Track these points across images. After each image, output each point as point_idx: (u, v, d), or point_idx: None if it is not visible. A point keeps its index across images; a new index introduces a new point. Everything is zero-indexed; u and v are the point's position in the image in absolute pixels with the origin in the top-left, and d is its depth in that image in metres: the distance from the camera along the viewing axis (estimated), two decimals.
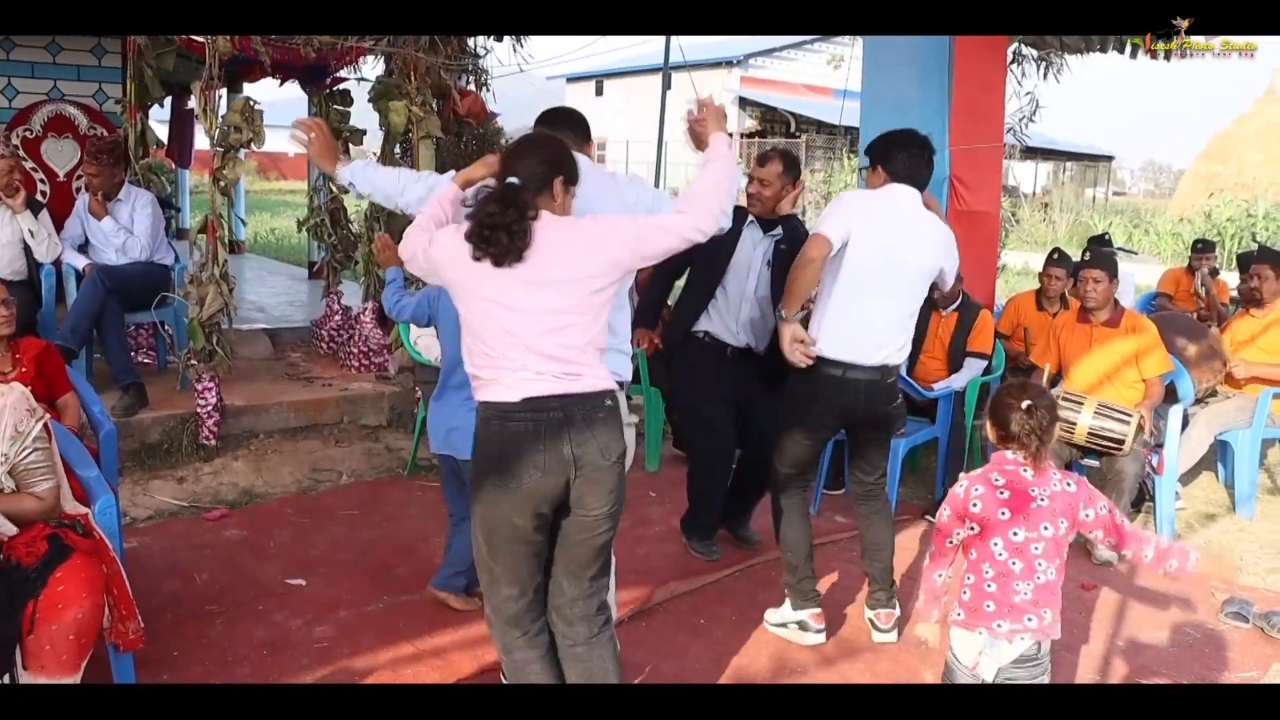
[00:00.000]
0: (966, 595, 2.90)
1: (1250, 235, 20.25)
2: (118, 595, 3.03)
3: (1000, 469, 2.91)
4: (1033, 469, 2.88)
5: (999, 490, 2.87)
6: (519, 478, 2.71)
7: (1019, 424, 2.85)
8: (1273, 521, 5.68)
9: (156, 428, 5.72)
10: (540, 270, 2.68)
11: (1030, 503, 2.84)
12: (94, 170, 6.12)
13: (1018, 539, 2.83)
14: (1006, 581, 2.84)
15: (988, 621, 2.84)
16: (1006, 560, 2.84)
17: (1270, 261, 6.07)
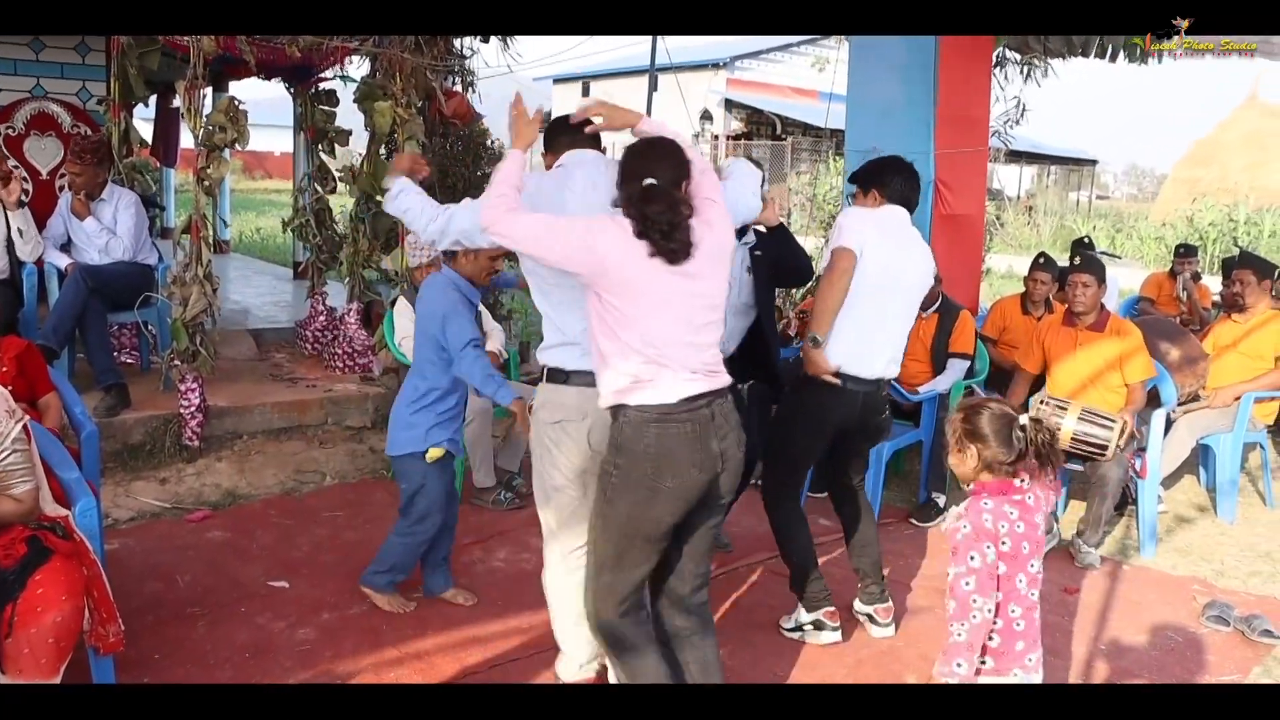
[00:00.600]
0: (995, 641, 2.67)
1: (1232, 240, 20.36)
2: (98, 598, 3.01)
3: (1010, 500, 2.66)
4: (1032, 493, 2.68)
5: (1016, 524, 2.64)
6: (680, 477, 2.81)
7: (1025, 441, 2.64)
8: (1253, 525, 5.71)
9: (139, 428, 5.69)
10: (697, 267, 2.81)
11: (1038, 530, 2.68)
12: (77, 169, 6.08)
13: (1034, 569, 2.68)
14: (1031, 614, 2.69)
15: (1020, 661, 2.68)
16: (1028, 593, 2.67)
17: (1252, 267, 6.10)
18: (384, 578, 4.14)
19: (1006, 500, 2.65)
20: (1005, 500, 2.65)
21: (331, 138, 7.92)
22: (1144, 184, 56.93)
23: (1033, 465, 2.66)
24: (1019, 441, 2.63)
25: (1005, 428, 2.65)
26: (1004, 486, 2.67)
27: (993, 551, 2.62)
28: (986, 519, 2.63)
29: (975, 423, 2.69)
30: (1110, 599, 4.65)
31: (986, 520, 2.63)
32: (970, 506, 2.69)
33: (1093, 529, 5.02)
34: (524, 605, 4.22)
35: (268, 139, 31.22)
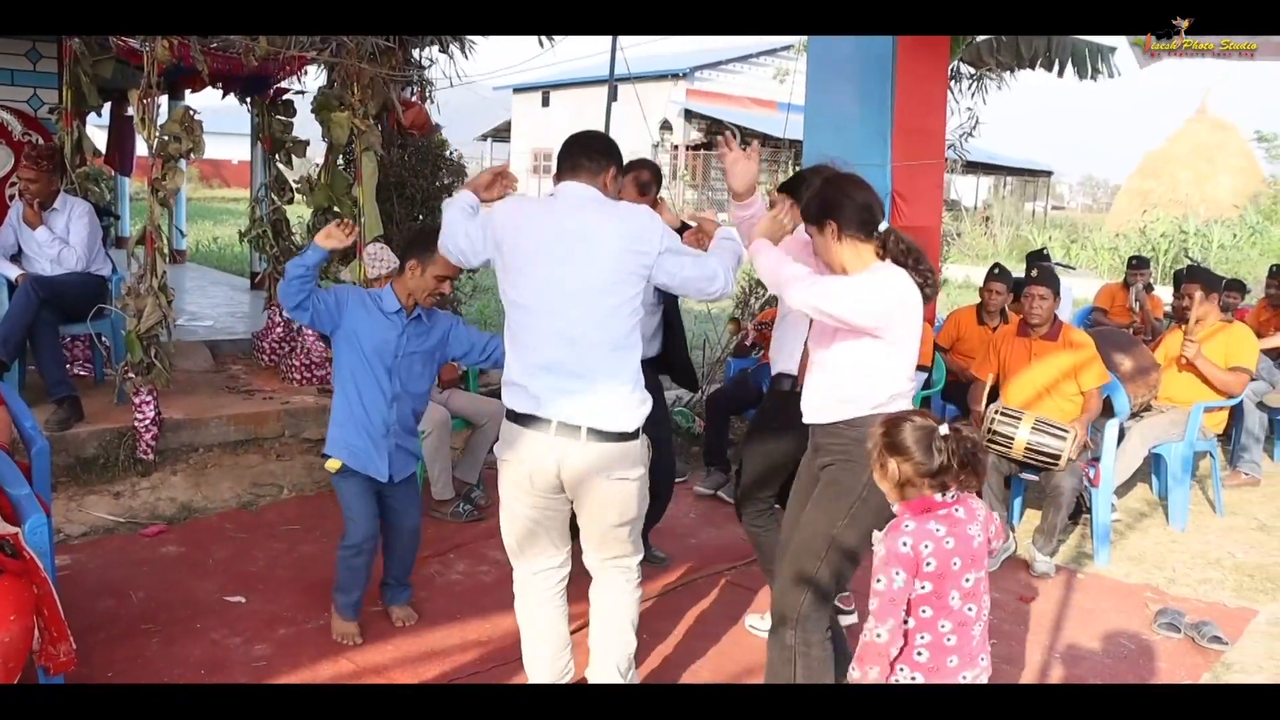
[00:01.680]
0: (924, 657, 2.63)
1: (1183, 251, 20.68)
2: (48, 617, 2.96)
3: (935, 516, 2.59)
4: (962, 505, 2.62)
5: (944, 540, 2.57)
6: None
7: (947, 452, 2.56)
8: (1204, 532, 5.80)
9: (92, 442, 5.62)
10: None
11: (972, 543, 2.61)
12: (31, 177, 5.98)
13: (969, 584, 2.60)
14: (965, 630, 2.63)
15: (953, 677, 2.63)
16: (962, 608, 2.61)
17: (1199, 281, 6.21)
18: (338, 599, 4.06)
19: (931, 517, 2.59)
20: (930, 518, 2.59)
21: (289, 148, 7.88)
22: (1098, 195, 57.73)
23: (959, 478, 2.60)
24: (939, 452, 2.56)
25: (925, 439, 2.58)
26: (926, 504, 2.61)
27: (901, 577, 2.55)
28: (904, 543, 2.57)
29: (895, 436, 2.62)
30: (1064, 607, 4.70)
31: (903, 545, 2.56)
32: (890, 529, 2.64)
33: (1047, 538, 5.08)
34: (482, 618, 4.21)
35: (225, 147, 31.06)
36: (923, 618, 2.61)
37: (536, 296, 3.12)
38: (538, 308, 3.12)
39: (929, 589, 2.58)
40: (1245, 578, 5.14)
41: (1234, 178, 28.26)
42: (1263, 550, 5.55)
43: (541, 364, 3.11)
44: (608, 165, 3.26)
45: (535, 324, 3.13)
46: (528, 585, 3.41)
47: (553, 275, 3.10)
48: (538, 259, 3.12)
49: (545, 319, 3.11)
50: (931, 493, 2.60)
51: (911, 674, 2.64)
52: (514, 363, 3.18)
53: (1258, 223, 24.00)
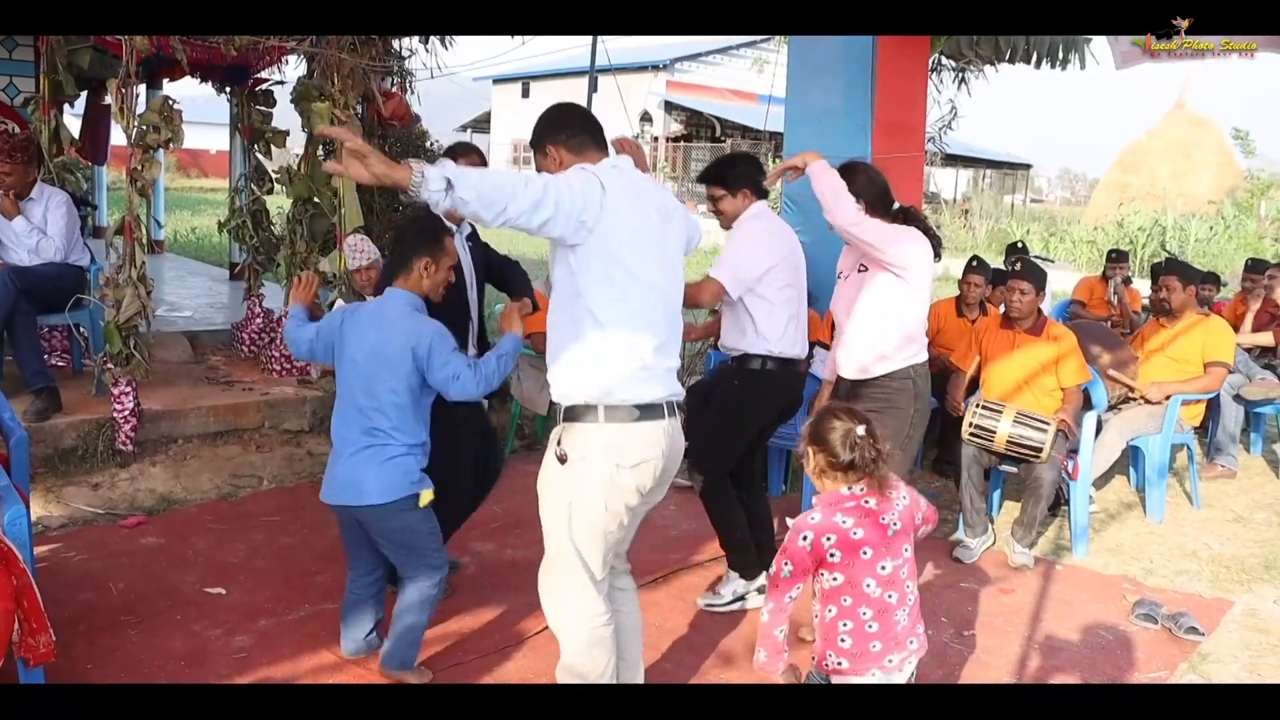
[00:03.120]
0: (847, 643, 2.72)
1: (1161, 244, 20.82)
2: (28, 608, 2.95)
3: (842, 509, 2.69)
4: (874, 496, 2.70)
5: (851, 531, 2.67)
6: None
7: (859, 451, 2.66)
8: (1181, 524, 5.85)
9: (71, 433, 5.58)
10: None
11: (886, 532, 2.69)
12: (7, 168, 5.93)
13: (886, 572, 2.69)
14: (887, 615, 2.71)
15: (878, 661, 2.71)
16: (882, 595, 2.69)
17: (1177, 273, 6.24)
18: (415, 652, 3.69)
19: (838, 510, 2.69)
20: (835, 510, 2.69)
21: (268, 138, 7.84)
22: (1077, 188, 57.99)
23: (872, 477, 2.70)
24: (850, 450, 2.66)
25: (841, 434, 2.68)
26: (834, 497, 2.71)
27: (789, 568, 2.68)
28: (804, 537, 2.67)
29: (819, 428, 2.73)
30: (1043, 598, 4.73)
31: (803, 539, 2.67)
32: (797, 521, 2.72)
33: (1026, 530, 5.11)
34: (464, 609, 4.22)
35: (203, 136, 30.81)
36: (844, 606, 2.71)
37: (656, 271, 2.97)
38: (658, 283, 2.98)
39: (840, 580, 2.69)
40: (1221, 569, 5.18)
41: (1211, 172, 28.46)
42: (1239, 542, 5.60)
43: (660, 344, 2.97)
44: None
45: (655, 301, 2.96)
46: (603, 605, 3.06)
47: (660, 249, 3.01)
48: (648, 233, 2.97)
49: (659, 294, 2.99)
50: (840, 485, 2.72)
51: (837, 659, 2.74)
52: (641, 348, 2.92)
53: (1234, 216, 24.17)
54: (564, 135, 3.04)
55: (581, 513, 2.93)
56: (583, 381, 2.90)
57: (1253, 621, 4.56)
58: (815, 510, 2.73)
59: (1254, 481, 6.77)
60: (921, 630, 2.81)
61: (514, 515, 5.33)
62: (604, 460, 2.88)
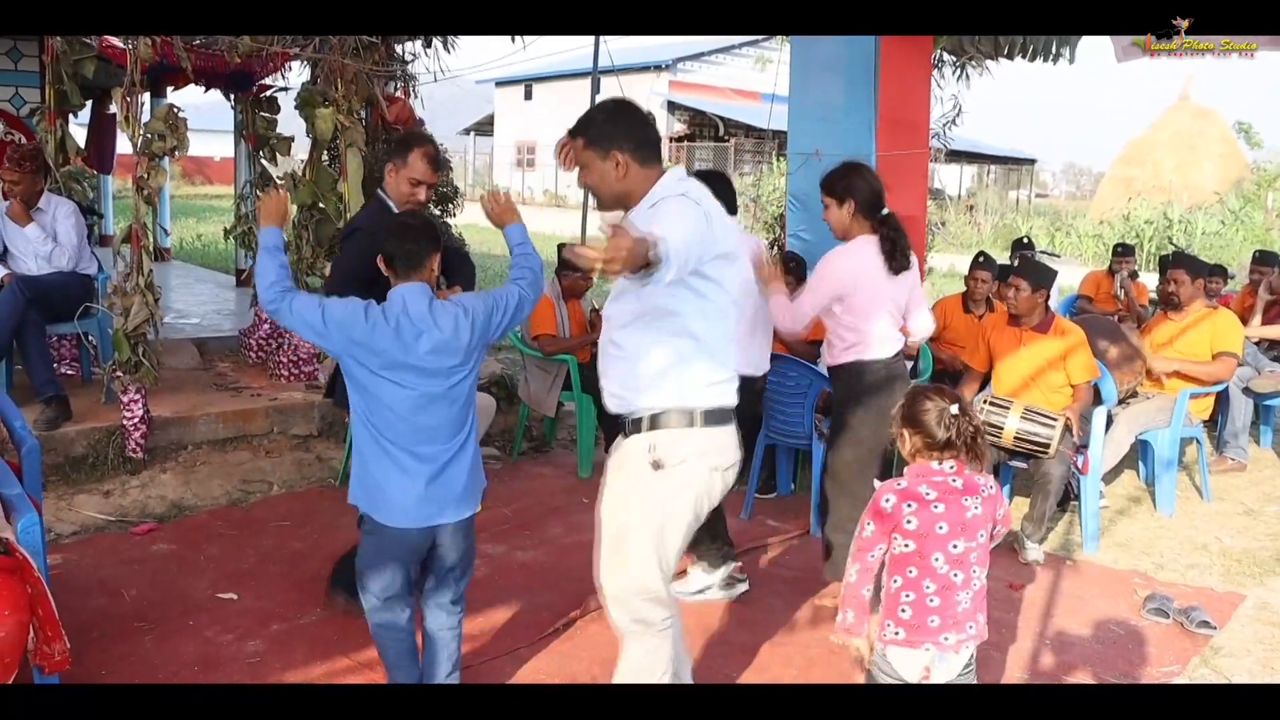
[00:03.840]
0: (907, 613, 2.77)
1: (1167, 238, 20.77)
2: (43, 616, 2.96)
3: (929, 481, 2.77)
4: (961, 477, 2.77)
5: (933, 504, 2.74)
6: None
7: (951, 429, 2.73)
8: (1191, 518, 5.84)
9: (81, 441, 5.60)
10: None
11: (965, 513, 2.75)
12: (15, 177, 5.95)
13: (957, 550, 2.74)
14: (949, 594, 2.75)
15: (934, 636, 2.75)
16: (949, 573, 2.74)
17: (1185, 266, 6.24)
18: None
19: (924, 481, 2.77)
20: (922, 481, 2.77)
21: (273, 145, 7.86)
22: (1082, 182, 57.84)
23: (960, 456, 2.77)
24: (946, 429, 2.73)
25: (935, 414, 2.75)
26: (923, 469, 2.79)
27: (871, 529, 2.79)
28: (887, 499, 2.76)
29: (911, 407, 2.81)
30: (1054, 593, 4.73)
31: (886, 501, 2.76)
32: (884, 484, 2.83)
33: (1036, 525, 5.11)
34: (475, 611, 4.22)
35: (208, 144, 30.92)
36: (908, 577, 2.77)
37: (737, 283, 3.06)
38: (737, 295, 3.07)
39: (912, 548, 2.75)
40: (1233, 562, 5.18)
41: (1216, 164, 28.38)
42: (1249, 535, 5.59)
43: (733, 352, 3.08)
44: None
45: (735, 312, 3.07)
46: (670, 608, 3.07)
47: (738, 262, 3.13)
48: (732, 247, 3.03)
49: (737, 307, 3.09)
50: (931, 461, 2.78)
51: (895, 629, 2.79)
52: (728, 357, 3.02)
53: (1240, 208, 24.10)
54: (634, 145, 2.93)
55: (675, 517, 2.95)
56: (675, 388, 2.92)
57: (1265, 615, 4.56)
58: (904, 477, 2.82)
59: (1264, 474, 6.76)
60: (983, 619, 2.84)
61: (523, 517, 5.35)
62: (701, 464, 2.94)
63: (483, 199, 3.64)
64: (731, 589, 4.49)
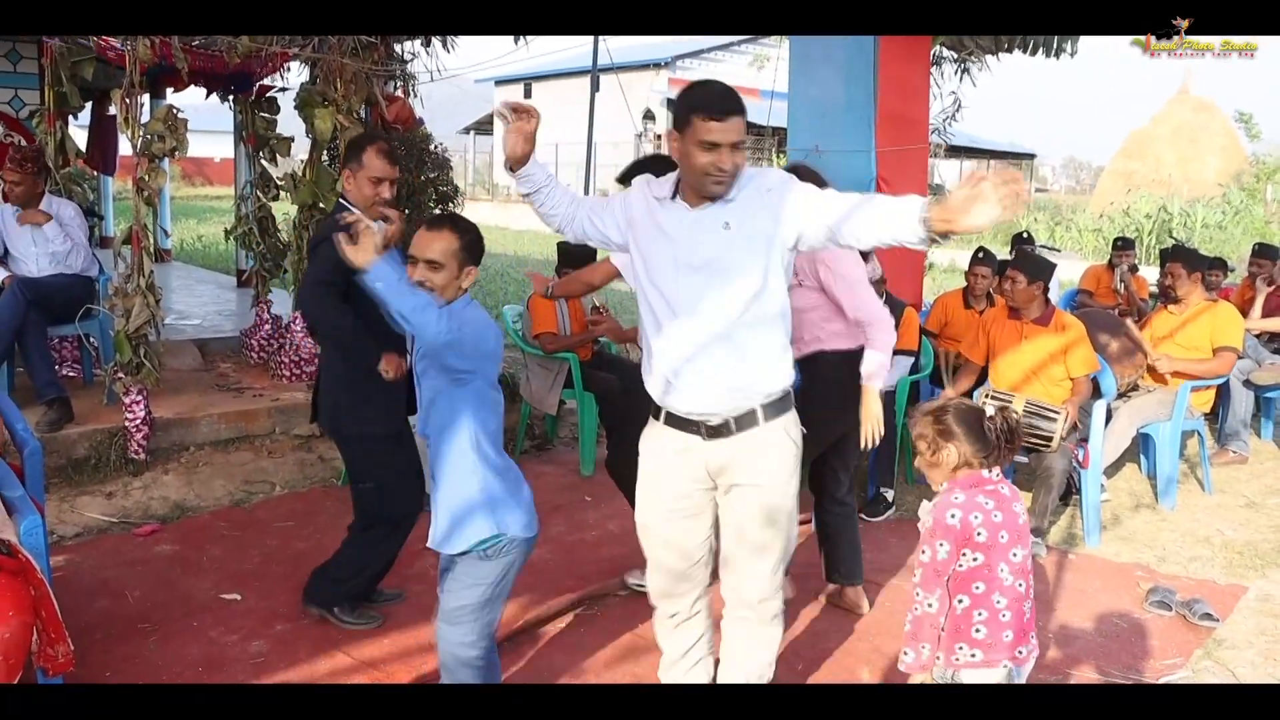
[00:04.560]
0: (982, 633, 2.66)
1: (1168, 232, 20.75)
2: (46, 617, 2.96)
3: (984, 490, 2.68)
4: (1006, 484, 2.73)
5: (993, 513, 2.65)
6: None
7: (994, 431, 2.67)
8: (1193, 511, 5.84)
9: (83, 442, 5.61)
10: None
11: (1018, 519, 2.69)
12: (16, 178, 5.97)
13: (1018, 559, 2.66)
14: (1018, 605, 2.68)
15: (1009, 652, 2.68)
16: (1014, 584, 2.67)
17: (1182, 260, 6.25)
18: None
19: (980, 492, 2.67)
20: (978, 492, 2.67)
21: (273, 145, 7.86)
22: (1081, 176, 57.78)
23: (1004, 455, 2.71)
24: (989, 433, 2.67)
25: (975, 421, 2.68)
26: (975, 479, 2.69)
27: (945, 549, 2.63)
28: (952, 514, 2.64)
29: (946, 422, 2.71)
30: (1057, 587, 4.74)
31: (951, 516, 2.64)
32: (940, 501, 2.71)
33: (1039, 519, 5.11)
34: None
35: (208, 145, 30.94)
36: (976, 594, 2.66)
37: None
38: None
39: (980, 560, 2.64)
40: (1235, 555, 5.18)
41: (1217, 157, 28.36)
42: (1251, 527, 5.60)
43: None
44: None
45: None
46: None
47: None
48: None
49: None
50: (981, 469, 2.70)
51: (971, 651, 2.67)
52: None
53: (1241, 201, 24.07)
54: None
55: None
56: (785, 371, 3.04)
57: (1267, 606, 4.56)
58: (956, 490, 2.70)
59: (1265, 467, 6.76)
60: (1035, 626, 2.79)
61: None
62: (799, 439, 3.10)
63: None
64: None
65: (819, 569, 4.52)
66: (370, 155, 3.98)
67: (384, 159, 4.00)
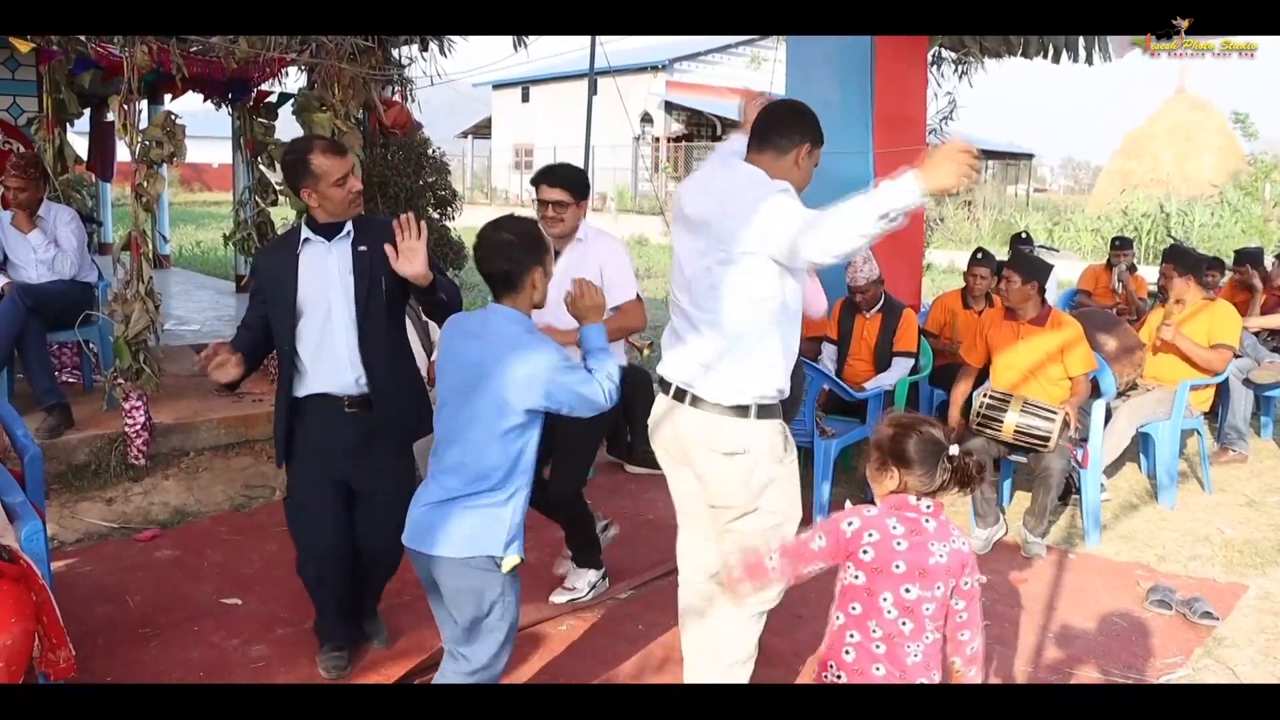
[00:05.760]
0: (850, 656, 2.55)
1: (1166, 231, 20.76)
2: (47, 623, 2.97)
3: (901, 516, 2.51)
4: (936, 520, 2.51)
5: (896, 540, 2.49)
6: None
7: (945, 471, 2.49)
8: (1193, 510, 5.85)
9: (83, 448, 5.61)
10: None
11: (929, 558, 2.48)
12: (20, 184, 5.96)
13: (910, 596, 2.47)
14: (897, 644, 2.50)
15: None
16: (896, 619, 2.49)
17: (1175, 261, 6.26)
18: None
19: (896, 515, 2.52)
20: (894, 514, 2.52)
21: (271, 151, 7.87)
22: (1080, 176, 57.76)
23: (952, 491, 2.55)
24: (944, 472, 2.50)
25: (933, 455, 2.50)
26: (900, 502, 2.53)
27: (822, 542, 2.55)
28: (850, 522, 2.53)
29: (902, 444, 2.52)
30: (1057, 587, 4.74)
31: (848, 524, 2.53)
32: (852, 508, 2.60)
33: (1038, 519, 5.11)
34: None
35: (205, 151, 30.92)
36: (852, 614, 2.55)
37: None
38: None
39: (861, 581, 2.52)
40: (1235, 553, 5.18)
41: (1213, 156, 28.38)
42: (1251, 526, 5.60)
43: None
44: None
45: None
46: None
47: None
48: None
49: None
50: (910, 496, 2.53)
51: (838, 672, 2.58)
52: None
53: (1239, 200, 24.08)
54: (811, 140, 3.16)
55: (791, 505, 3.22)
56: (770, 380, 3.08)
57: (1267, 605, 4.57)
58: (875, 506, 2.58)
59: (1265, 465, 6.76)
60: (938, 678, 2.57)
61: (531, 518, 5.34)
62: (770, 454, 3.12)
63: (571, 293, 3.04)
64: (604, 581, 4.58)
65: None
66: (318, 161, 3.46)
67: (329, 155, 3.50)
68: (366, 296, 3.54)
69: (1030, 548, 5.08)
